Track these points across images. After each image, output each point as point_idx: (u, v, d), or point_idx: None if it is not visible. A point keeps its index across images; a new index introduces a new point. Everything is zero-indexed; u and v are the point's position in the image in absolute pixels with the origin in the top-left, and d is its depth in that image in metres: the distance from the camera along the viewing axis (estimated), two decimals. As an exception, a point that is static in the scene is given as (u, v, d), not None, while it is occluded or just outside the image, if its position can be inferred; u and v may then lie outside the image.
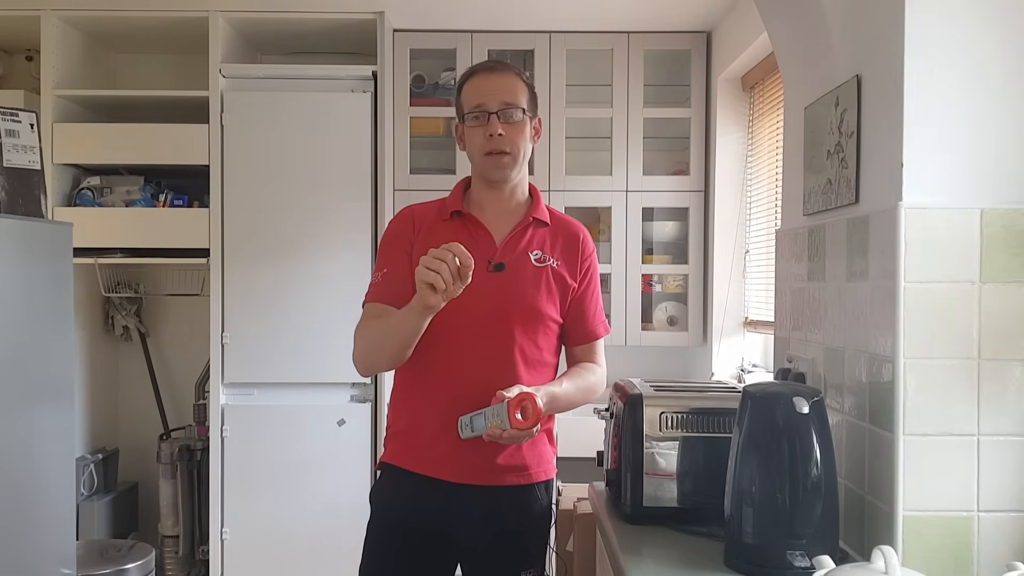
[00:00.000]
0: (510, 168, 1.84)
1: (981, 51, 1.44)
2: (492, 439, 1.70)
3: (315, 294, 3.35)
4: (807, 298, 1.86)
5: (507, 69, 1.87)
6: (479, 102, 1.82)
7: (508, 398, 1.66)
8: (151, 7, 3.31)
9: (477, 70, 1.88)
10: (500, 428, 1.66)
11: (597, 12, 3.38)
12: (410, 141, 3.58)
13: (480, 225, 1.86)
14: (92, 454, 3.53)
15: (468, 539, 1.85)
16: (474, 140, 1.83)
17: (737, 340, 3.45)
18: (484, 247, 1.84)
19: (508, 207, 1.88)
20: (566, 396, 1.82)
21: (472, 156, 1.87)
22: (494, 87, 1.83)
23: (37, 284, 2.33)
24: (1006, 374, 1.41)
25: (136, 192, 3.46)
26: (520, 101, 1.83)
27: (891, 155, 1.47)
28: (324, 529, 3.34)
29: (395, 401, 1.92)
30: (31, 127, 2.38)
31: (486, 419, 1.69)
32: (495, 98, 1.81)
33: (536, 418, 1.66)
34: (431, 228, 1.86)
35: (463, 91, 1.88)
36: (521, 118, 1.82)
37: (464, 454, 1.79)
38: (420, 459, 1.84)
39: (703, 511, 1.68)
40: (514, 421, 1.64)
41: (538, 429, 1.74)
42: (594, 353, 1.95)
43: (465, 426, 1.75)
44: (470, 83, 1.86)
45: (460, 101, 1.88)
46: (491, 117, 1.80)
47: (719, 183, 3.47)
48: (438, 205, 1.92)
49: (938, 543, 1.41)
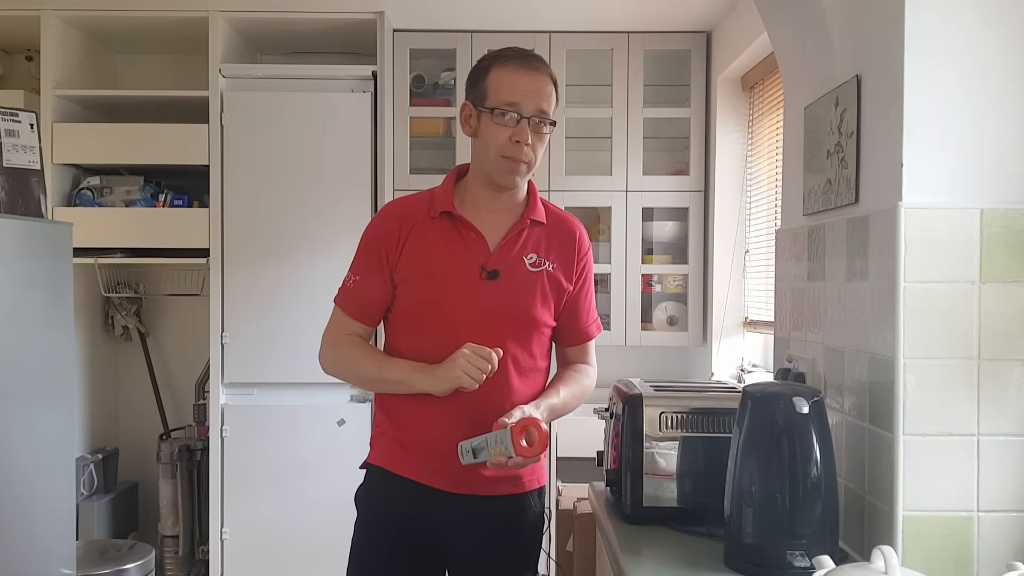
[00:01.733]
0: (522, 176, 1.75)
1: (981, 51, 1.44)
2: (497, 467, 1.63)
3: (315, 294, 3.33)
4: (807, 298, 1.86)
5: (544, 68, 1.73)
6: (514, 100, 1.68)
7: (510, 424, 1.59)
8: (151, 7, 3.31)
9: (512, 57, 1.72)
10: (505, 455, 1.59)
11: (597, 12, 3.38)
12: (410, 141, 3.58)
13: (472, 228, 1.76)
14: (92, 454, 3.53)
15: (460, 545, 1.80)
16: (495, 137, 1.70)
17: (737, 340, 3.45)
18: (476, 252, 1.75)
19: (505, 207, 1.79)
20: (563, 405, 1.80)
21: (485, 151, 1.73)
22: (533, 89, 1.70)
23: (37, 284, 2.33)
24: (1006, 374, 1.41)
25: (136, 192, 3.46)
26: (551, 112, 1.72)
27: (891, 155, 1.47)
28: (324, 529, 3.33)
29: (383, 403, 1.84)
30: (31, 127, 2.38)
31: (489, 445, 1.62)
32: (532, 103, 1.69)
33: (543, 444, 1.60)
34: (421, 229, 1.76)
35: (493, 76, 1.71)
36: (548, 131, 1.74)
37: (456, 464, 1.71)
38: (411, 466, 1.77)
39: (703, 511, 1.68)
40: (519, 448, 1.58)
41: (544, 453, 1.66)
42: (587, 353, 1.91)
43: (466, 452, 1.67)
44: (505, 72, 1.71)
45: (486, 87, 1.71)
46: (522, 122, 1.69)
47: (719, 183, 3.47)
48: (427, 200, 1.80)
49: (938, 543, 1.41)
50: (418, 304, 1.76)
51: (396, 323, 1.82)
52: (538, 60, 1.74)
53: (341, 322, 1.83)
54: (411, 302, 1.77)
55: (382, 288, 1.78)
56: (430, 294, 1.75)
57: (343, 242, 3.34)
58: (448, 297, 1.74)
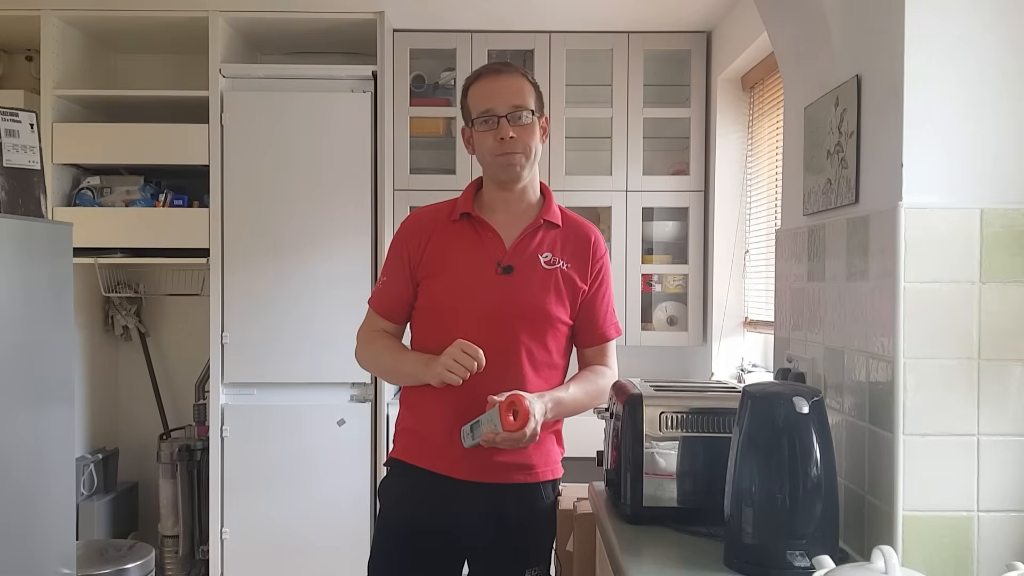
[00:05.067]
0: (521, 168, 1.84)
1: (981, 51, 1.44)
2: (490, 444, 1.72)
3: (315, 294, 3.35)
4: (807, 298, 1.86)
5: (512, 70, 1.87)
6: (487, 106, 1.82)
7: (499, 402, 1.68)
8: (151, 7, 3.31)
9: (482, 73, 1.88)
10: (494, 432, 1.69)
11: (597, 12, 3.38)
12: (410, 141, 3.58)
13: (489, 227, 1.87)
14: (92, 454, 3.53)
15: (473, 537, 1.86)
16: (484, 144, 1.83)
17: (737, 340, 3.45)
18: (493, 249, 1.85)
19: (519, 209, 1.89)
20: (573, 401, 1.84)
21: (483, 159, 1.87)
22: (501, 90, 1.82)
23: (37, 284, 2.33)
24: (1006, 374, 1.41)
25: (136, 192, 3.46)
26: (528, 102, 1.83)
27: (891, 155, 1.47)
28: (324, 529, 3.34)
29: (405, 399, 1.95)
30: (31, 127, 2.38)
31: (482, 424, 1.72)
32: (503, 101, 1.81)
33: (525, 418, 1.67)
34: (442, 231, 1.88)
35: (469, 95, 1.87)
36: (530, 120, 1.83)
37: (472, 452, 1.81)
38: (427, 456, 1.86)
39: (703, 511, 1.67)
40: (506, 423, 1.67)
41: (537, 434, 1.75)
42: (605, 355, 1.97)
43: (466, 435, 1.77)
44: (476, 86, 1.86)
45: (467, 105, 1.87)
46: (500, 121, 1.81)
47: (719, 183, 3.47)
48: (449, 206, 1.93)
49: (938, 543, 1.41)
50: (437, 298, 1.87)
51: (419, 318, 1.93)
52: (506, 65, 1.90)
53: (371, 320, 1.98)
54: (431, 297, 1.88)
55: (405, 287, 1.91)
56: (448, 288, 1.86)
57: (344, 242, 3.36)
58: (465, 291, 1.84)
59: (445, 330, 1.83)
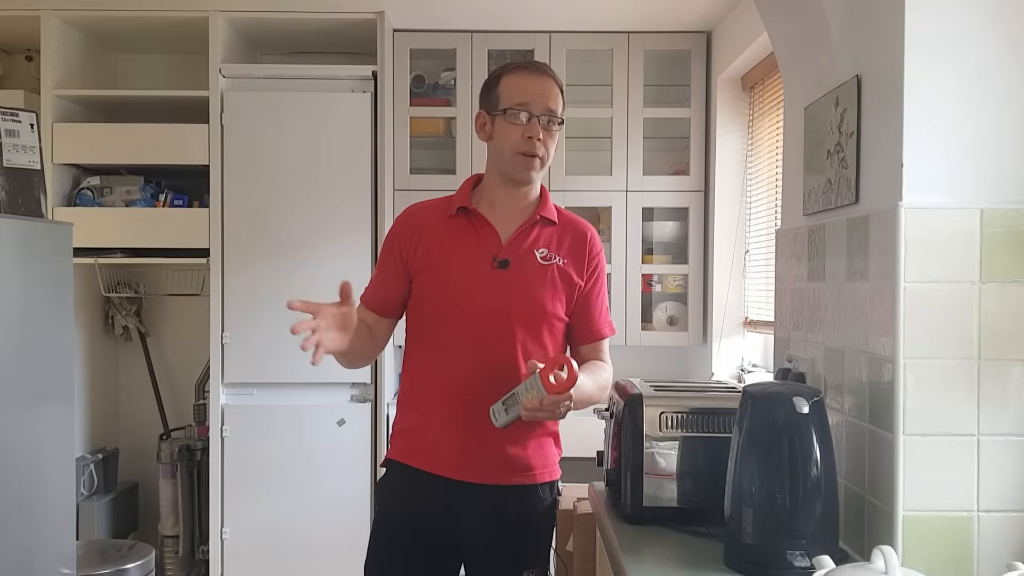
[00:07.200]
0: (536, 172, 1.86)
1: (981, 51, 1.44)
2: (531, 415, 1.65)
3: (315, 294, 3.30)
4: (807, 298, 1.86)
5: (552, 75, 1.88)
6: (524, 100, 1.82)
7: (540, 367, 1.63)
8: (151, 7, 3.31)
9: (522, 67, 1.87)
10: (538, 398, 1.62)
11: (597, 12, 3.38)
12: (410, 141, 3.58)
13: (486, 222, 1.87)
14: (92, 454, 3.53)
15: (471, 538, 1.85)
16: (509, 136, 1.82)
17: (737, 340, 3.45)
18: (489, 244, 1.85)
19: (518, 206, 1.90)
20: (586, 389, 1.79)
21: (500, 150, 1.85)
22: (543, 90, 1.83)
23: (37, 284, 2.33)
24: (1006, 374, 1.41)
25: (136, 192, 3.46)
26: (559, 112, 1.85)
27: (891, 155, 1.47)
28: (324, 529, 3.34)
29: (402, 399, 1.95)
30: (31, 127, 2.38)
31: (519, 396, 1.66)
32: (540, 102, 1.82)
33: (573, 379, 1.62)
34: (437, 226, 1.88)
35: (503, 83, 1.85)
36: (556, 129, 1.85)
37: (469, 452, 1.81)
38: (425, 456, 1.85)
39: (703, 511, 1.68)
40: (549, 386, 1.60)
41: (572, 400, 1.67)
42: (601, 352, 1.96)
43: (499, 413, 1.71)
44: (514, 77, 1.85)
45: (498, 93, 1.85)
46: (533, 119, 1.81)
47: (719, 183, 3.47)
48: (444, 202, 1.93)
49: (938, 543, 1.41)
50: (432, 290, 1.87)
51: (414, 310, 1.92)
52: (545, 66, 1.90)
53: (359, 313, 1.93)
54: (426, 289, 1.88)
55: (395, 282, 1.91)
56: (443, 280, 1.85)
57: (343, 242, 3.36)
58: (460, 283, 1.84)
59: (441, 324, 1.84)
